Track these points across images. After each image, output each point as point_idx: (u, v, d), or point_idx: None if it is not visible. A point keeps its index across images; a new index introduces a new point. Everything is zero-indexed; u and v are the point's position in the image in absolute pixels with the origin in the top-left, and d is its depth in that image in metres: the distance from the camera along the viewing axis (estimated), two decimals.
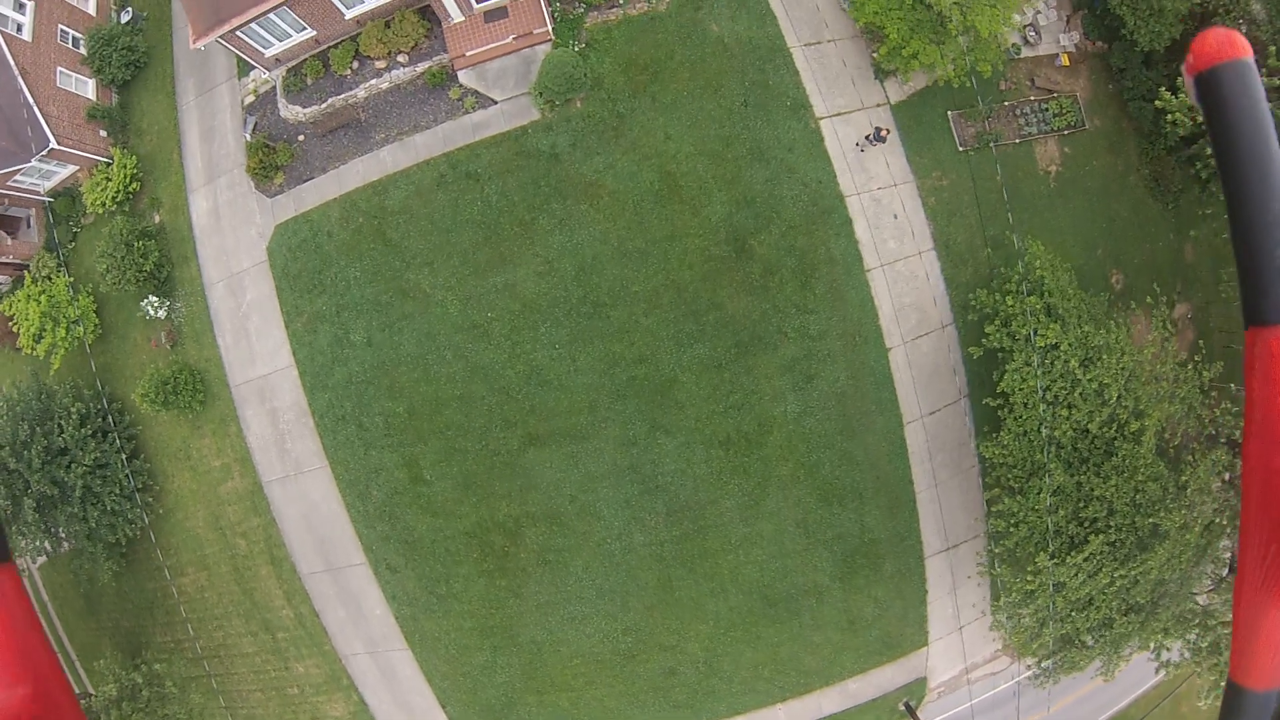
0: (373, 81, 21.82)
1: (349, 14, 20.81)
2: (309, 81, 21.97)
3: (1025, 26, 22.71)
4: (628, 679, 22.74)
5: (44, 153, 21.70)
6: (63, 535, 23.23)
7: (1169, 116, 19.99)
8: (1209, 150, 20.23)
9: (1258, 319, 1.12)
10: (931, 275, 22.12)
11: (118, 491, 22.31)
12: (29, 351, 23.09)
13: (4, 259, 24.15)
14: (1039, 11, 23.14)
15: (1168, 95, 19.97)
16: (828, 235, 21.52)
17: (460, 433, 21.54)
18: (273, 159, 21.94)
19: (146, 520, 22.97)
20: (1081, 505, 18.56)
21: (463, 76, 21.54)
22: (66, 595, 26.17)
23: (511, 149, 21.16)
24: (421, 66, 21.74)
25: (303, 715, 24.14)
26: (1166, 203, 23.85)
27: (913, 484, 22.17)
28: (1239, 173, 1.11)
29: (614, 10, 21.67)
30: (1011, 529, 19.33)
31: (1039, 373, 18.31)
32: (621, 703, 22.94)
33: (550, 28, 21.25)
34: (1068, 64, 23.30)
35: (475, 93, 21.53)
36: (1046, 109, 22.90)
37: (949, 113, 22.40)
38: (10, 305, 23.49)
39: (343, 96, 21.86)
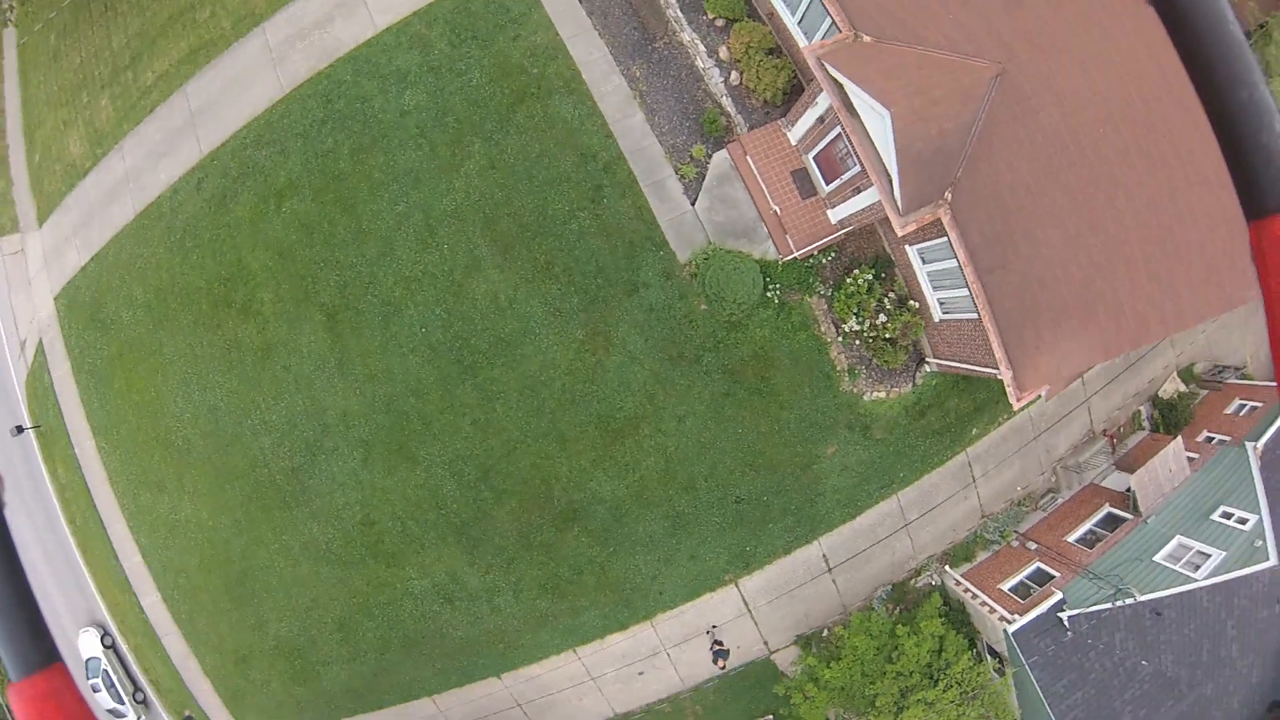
0: (707, 43, 17.58)
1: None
2: None
3: None
4: (179, 464, 21.95)
5: None
6: None
7: None
8: None
9: (1256, 212, 1.04)
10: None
11: None
12: None
13: None
14: None
15: None
16: (596, 604, 18.89)
17: (326, 240, 19.24)
18: None
19: None
20: None
21: (721, 154, 17.39)
22: None
23: (639, 230, 17.53)
24: (725, 103, 17.54)
25: None
26: None
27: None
28: (1205, 64, 1.02)
29: (838, 329, 17.45)
30: None
31: None
32: (152, 462, 22.26)
33: (784, 261, 17.10)
34: None
35: (703, 174, 17.54)
36: None
37: None
38: None
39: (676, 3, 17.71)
